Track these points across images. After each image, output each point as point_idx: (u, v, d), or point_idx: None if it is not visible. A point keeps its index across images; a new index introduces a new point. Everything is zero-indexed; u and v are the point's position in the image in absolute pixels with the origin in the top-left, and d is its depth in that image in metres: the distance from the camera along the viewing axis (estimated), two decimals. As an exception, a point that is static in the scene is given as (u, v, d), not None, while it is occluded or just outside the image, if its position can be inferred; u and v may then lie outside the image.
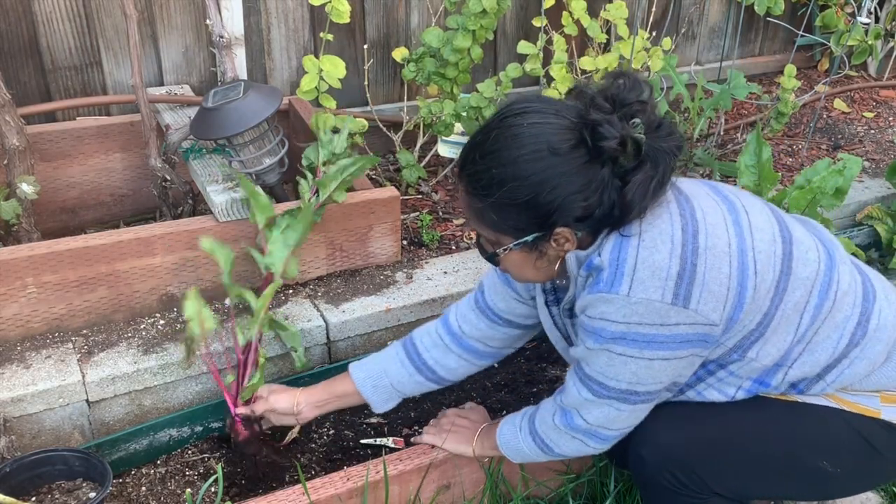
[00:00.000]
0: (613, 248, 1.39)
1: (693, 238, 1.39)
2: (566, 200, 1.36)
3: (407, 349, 1.80)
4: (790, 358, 1.49)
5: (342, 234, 2.23)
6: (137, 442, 1.95)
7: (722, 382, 1.53)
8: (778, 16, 3.45)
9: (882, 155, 3.25)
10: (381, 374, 1.79)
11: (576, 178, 1.35)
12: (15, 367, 1.90)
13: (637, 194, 1.36)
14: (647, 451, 1.57)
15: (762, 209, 1.52)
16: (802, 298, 1.47)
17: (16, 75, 2.41)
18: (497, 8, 2.45)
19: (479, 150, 1.41)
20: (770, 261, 1.44)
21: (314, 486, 1.69)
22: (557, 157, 1.35)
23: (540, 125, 1.38)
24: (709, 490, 1.57)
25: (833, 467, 1.55)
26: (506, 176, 1.37)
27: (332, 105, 2.40)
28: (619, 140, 1.34)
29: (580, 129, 1.36)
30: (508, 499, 1.85)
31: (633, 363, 1.42)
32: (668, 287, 1.36)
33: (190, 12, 2.56)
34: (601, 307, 1.40)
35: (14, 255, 1.90)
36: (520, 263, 1.50)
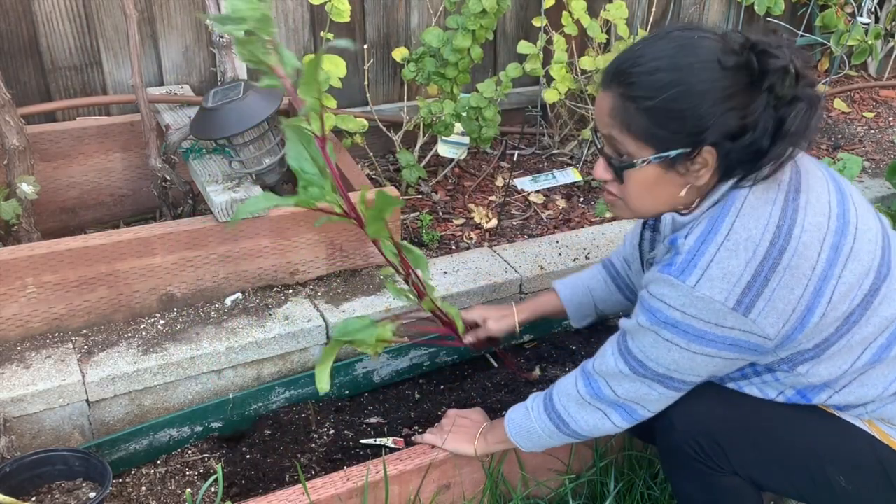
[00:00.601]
0: (699, 237, 1.40)
1: (778, 254, 1.37)
2: (725, 115, 1.36)
3: (609, 269, 1.90)
4: (839, 384, 1.50)
5: (342, 234, 2.23)
6: (137, 442, 1.95)
7: (766, 384, 1.54)
8: (778, 16, 3.45)
9: (882, 155, 3.25)
10: (586, 293, 1.91)
11: (738, 95, 1.36)
12: (15, 367, 1.90)
13: (800, 123, 1.36)
14: (679, 417, 1.58)
15: (874, 238, 1.49)
16: (872, 335, 1.46)
17: (16, 75, 2.41)
18: (497, 8, 2.45)
19: (646, 55, 1.40)
20: (851, 293, 1.42)
21: (314, 486, 1.69)
22: (725, 70, 1.35)
23: (710, 40, 1.39)
24: (729, 466, 1.57)
25: (847, 484, 1.55)
26: (674, 80, 1.36)
27: (332, 105, 2.40)
28: (786, 65, 1.34)
29: (745, 52, 1.37)
30: (508, 499, 1.85)
31: (676, 352, 1.43)
32: (735, 293, 1.36)
33: (190, 12, 2.56)
34: (664, 289, 1.41)
35: (14, 255, 1.90)
36: (649, 182, 1.45)
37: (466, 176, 2.91)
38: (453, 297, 2.23)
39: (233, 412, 2.05)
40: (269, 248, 2.15)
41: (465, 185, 2.84)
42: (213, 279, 2.12)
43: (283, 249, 2.17)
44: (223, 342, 2.00)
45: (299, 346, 2.10)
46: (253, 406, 2.07)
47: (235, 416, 2.06)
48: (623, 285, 1.90)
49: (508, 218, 2.68)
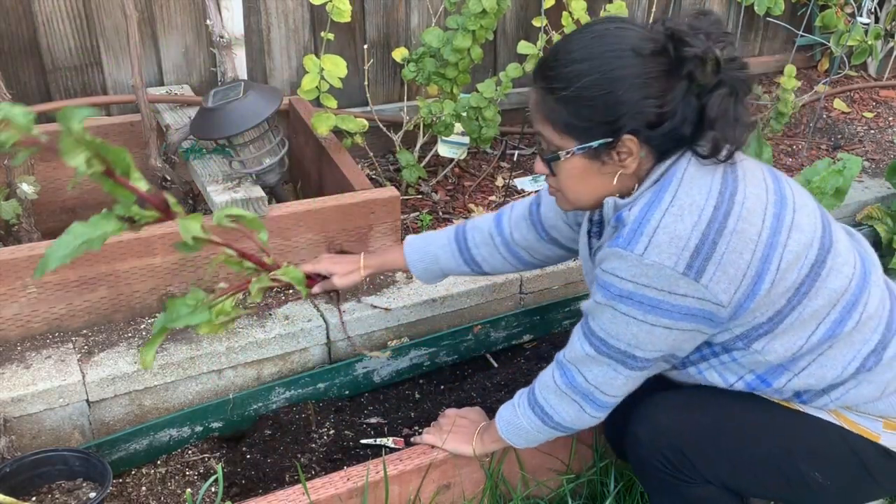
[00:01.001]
0: (643, 207, 1.40)
1: (723, 217, 1.39)
2: (640, 102, 1.37)
3: (459, 242, 1.88)
4: (798, 366, 1.49)
5: (342, 234, 2.23)
6: (137, 442, 1.95)
7: (724, 367, 1.53)
8: (778, 16, 3.45)
9: (882, 155, 3.25)
10: (433, 260, 1.89)
11: (654, 82, 1.37)
12: (15, 367, 1.90)
13: (719, 109, 1.37)
14: (643, 431, 1.59)
15: (813, 213, 1.51)
16: (823, 309, 1.46)
17: (16, 75, 2.41)
18: (497, 8, 2.45)
19: (563, 48, 1.44)
20: (798, 262, 1.43)
21: (314, 486, 1.69)
22: (640, 58, 1.37)
23: (625, 30, 1.41)
24: (700, 476, 1.57)
25: (824, 479, 1.55)
26: (586, 69, 1.38)
27: (333, 105, 2.40)
28: (703, 52, 1.36)
29: (664, 40, 1.39)
30: (508, 499, 1.85)
31: (635, 325, 1.43)
32: (683, 257, 1.36)
33: (190, 12, 2.56)
34: (614, 262, 1.41)
35: (14, 255, 1.90)
36: (577, 173, 1.48)
37: (466, 176, 2.91)
38: (453, 297, 2.24)
39: (233, 412, 2.05)
40: (269, 247, 2.15)
41: (465, 185, 2.84)
42: (214, 279, 2.12)
43: (283, 249, 2.17)
44: (223, 342, 2.00)
45: (299, 346, 2.10)
46: (253, 406, 2.07)
47: (235, 416, 2.06)
48: (469, 258, 1.87)
49: (508, 218, 2.67)
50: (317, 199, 2.21)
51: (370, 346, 2.19)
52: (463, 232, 1.88)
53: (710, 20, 1.42)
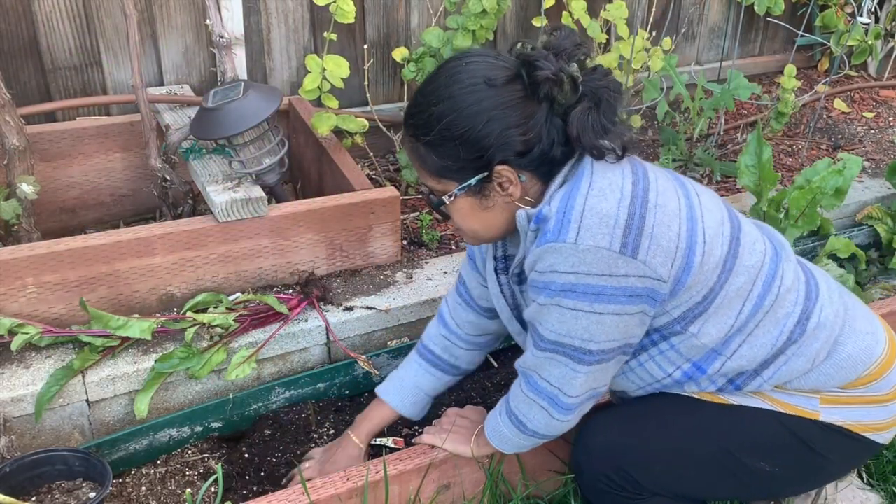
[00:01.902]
0: (562, 199, 1.40)
1: (644, 193, 1.40)
2: (503, 133, 1.38)
3: (427, 358, 1.87)
4: (730, 348, 1.51)
5: (342, 234, 2.23)
6: (137, 442, 1.95)
7: (663, 356, 1.53)
8: (778, 16, 3.45)
9: (882, 155, 3.25)
10: (415, 391, 1.85)
11: (512, 111, 1.38)
12: (15, 367, 1.90)
13: (581, 126, 1.38)
14: (582, 456, 1.61)
15: (713, 196, 1.55)
16: (746, 286, 1.49)
17: (16, 75, 2.41)
18: (497, 8, 2.45)
19: (421, 93, 1.46)
20: (718, 238, 1.46)
21: (314, 486, 1.69)
22: (493, 88, 1.38)
23: (477, 63, 1.42)
24: (647, 490, 1.58)
25: (772, 468, 1.56)
26: (443, 110, 1.39)
27: (334, 105, 2.40)
28: (554, 73, 1.36)
29: (517, 66, 1.40)
30: (508, 499, 1.85)
31: (584, 318, 1.40)
32: (616, 235, 1.35)
33: (190, 12, 2.56)
34: (550, 258, 1.39)
35: (14, 255, 1.90)
36: (467, 212, 1.50)
37: (466, 176, 2.91)
38: (453, 297, 2.24)
39: (233, 412, 2.05)
40: (269, 248, 2.15)
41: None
42: (213, 279, 2.12)
43: (283, 249, 2.17)
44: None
45: (299, 346, 2.10)
46: (253, 406, 2.07)
47: (235, 416, 2.06)
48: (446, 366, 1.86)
49: (508, 218, 2.67)
50: (317, 199, 2.21)
51: (370, 347, 2.19)
52: (425, 348, 1.87)
53: (563, 35, 1.43)
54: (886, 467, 2.02)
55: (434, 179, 1.48)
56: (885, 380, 1.58)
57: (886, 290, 2.60)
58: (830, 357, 1.55)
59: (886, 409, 1.60)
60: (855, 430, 1.58)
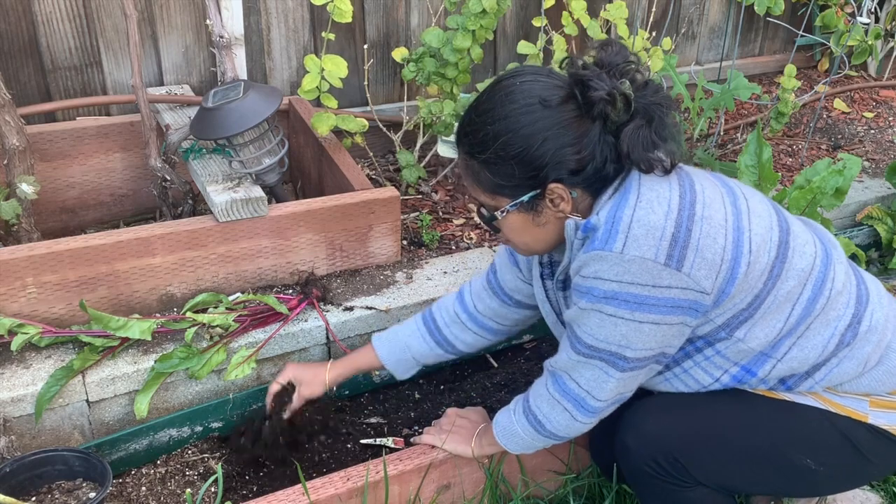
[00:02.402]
0: (611, 209, 1.42)
1: (690, 206, 1.41)
2: (558, 153, 1.41)
3: (428, 325, 1.88)
4: (780, 351, 1.51)
5: (342, 234, 2.23)
6: (137, 442, 1.95)
7: (709, 362, 1.53)
8: (778, 16, 3.45)
9: (882, 155, 3.25)
10: (404, 349, 1.87)
11: (567, 130, 1.40)
12: (15, 367, 1.90)
13: (631, 142, 1.40)
14: (632, 439, 1.59)
15: (762, 200, 1.55)
16: (796, 289, 1.49)
17: (16, 75, 2.41)
18: (497, 8, 2.45)
19: (476, 111, 1.48)
20: (766, 245, 1.46)
21: (314, 486, 1.69)
22: (548, 109, 1.40)
23: (531, 83, 1.44)
24: (693, 479, 1.58)
25: (817, 465, 1.56)
26: (499, 130, 1.42)
27: (333, 105, 2.40)
28: (608, 93, 1.38)
29: (570, 86, 1.42)
30: (508, 499, 1.85)
31: (623, 325, 1.42)
32: (663, 247, 1.37)
33: (190, 12, 2.56)
34: (595, 265, 1.41)
35: (14, 255, 1.90)
36: (518, 227, 1.52)
37: (466, 176, 2.91)
38: (453, 297, 2.24)
39: (233, 412, 2.05)
40: (269, 248, 2.15)
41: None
42: (213, 279, 2.12)
43: (283, 249, 2.17)
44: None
45: (299, 346, 2.10)
46: (253, 406, 2.07)
47: (235, 416, 2.06)
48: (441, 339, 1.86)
49: (508, 218, 2.67)
50: (317, 199, 2.21)
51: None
52: (430, 315, 1.89)
53: (614, 50, 1.45)
54: (886, 467, 2.02)
55: (487, 195, 1.51)
56: None
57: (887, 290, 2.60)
58: (882, 363, 1.55)
59: None
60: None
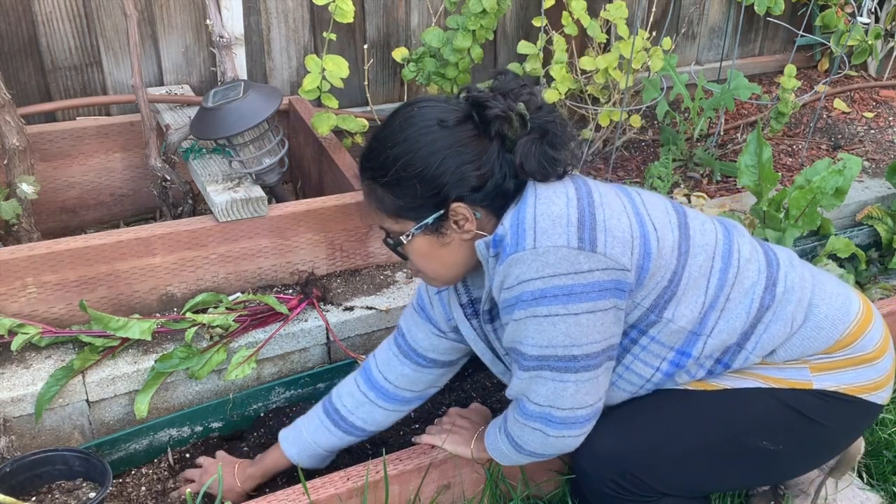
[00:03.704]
0: (513, 216, 1.45)
1: (588, 195, 1.46)
2: (458, 170, 1.44)
3: (331, 416, 1.81)
4: (707, 326, 1.52)
5: (342, 234, 2.23)
6: (137, 442, 1.95)
7: (646, 352, 1.53)
8: (778, 16, 3.45)
9: (882, 155, 3.25)
10: (312, 446, 1.82)
11: (465, 148, 1.45)
12: (15, 367, 1.90)
13: (525, 153, 1.43)
14: (587, 463, 1.60)
15: (653, 194, 1.60)
16: (706, 263, 1.53)
17: (16, 75, 2.41)
18: (497, 8, 2.45)
19: (376, 138, 1.52)
20: (668, 226, 1.51)
21: (314, 485, 1.69)
22: (446, 129, 1.45)
23: (430, 107, 1.49)
24: (655, 491, 1.58)
25: (775, 446, 1.57)
26: (399, 153, 1.46)
27: (334, 105, 2.40)
28: (503, 111, 1.43)
29: (467, 108, 1.47)
30: (508, 499, 1.85)
31: (561, 322, 1.41)
32: (572, 233, 1.39)
33: (190, 12, 2.56)
34: (515, 270, 1.41)
35: (14, 255, 1.90)
36: (426, 252, 1.54)
37: (466, 176, 2.91)
38: (453, 297, 2.23)
39: (233, 412, 2.05)
40: (269, 248, 2.15)
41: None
42: (213, 279, 2.12)
43: (283, 249, 2.17)
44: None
45: (299, 346, 2.10)
46: (253, 406, 2.07)
47: (235, 416, 2.06)
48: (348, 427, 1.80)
49: (508, 218, 2.67)
50: (317, 199, 2.21)
51: (370, 347, 2.19)
52: (331, 405, 1.82)
53: (508, 77, 1.50)
54: (886, 467, 2.02)
55: (391, 220, 1.53)
56: (866, 338, 1.60)
57: (886, 290, 2.60)
58: (808, 320, 1.57)
59: (876, 368, 1.61)
60: (850, 394, 1.58)
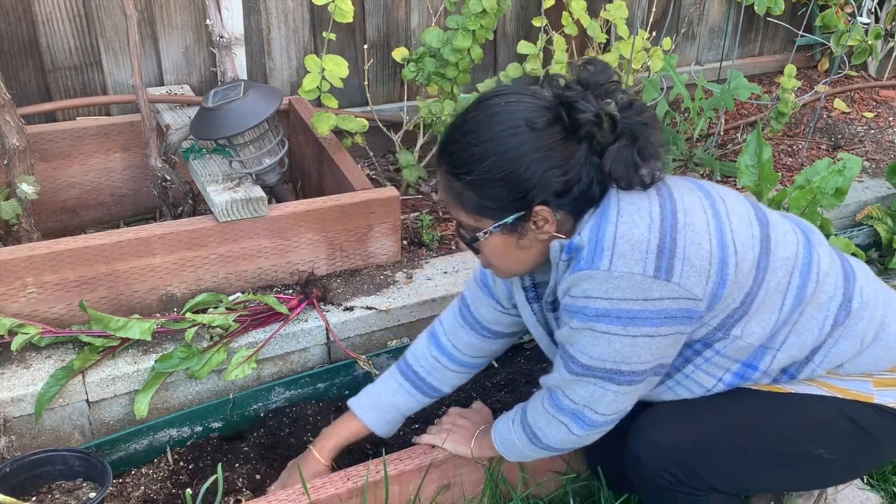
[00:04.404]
0: (592, 228, 1.41)
1: (672, 215, 1.41)
2: (544, 175, 1.39)
3: (410, 378, 1.83)
4: (777, 341, 1.51)
5: (342, 234, 2.23)
6: (137, 442, 1.95)
7: (709, 363, 1.53)
8: (778, 16, 3.45)
9: (882, 155, 3.25)
10: (391, 409, 1.81)
11: (553, 153, 1.39)
12: (15, 367, 1.90)
13: (615, 163, 1.39)
14: (643, 451, 1.58)
15: (737, 197, 1.55)
16: (784, 279, 1.49)
17: (16, 75, 2.41)
18: (497, 8, 2.45)
19: (459, 130, 1.45)
20: (749, 242, 1.46)
21: (314, 486, 1.69)
22: (535, 131, 1.39)
23: (517, 103, 1.42)
24: (707, 486, 1.57)
25: (829, 454, 1.56)
26: (484, 152, 1.40)
27: (334, 105, 2.40)
28: (595, 114, 1.38)
29: (556, 108, 1.41)
30: (508, 499, 1.85)
31: (617, 341, 1.41)
32: (650, 260, 1.36)
33: (190, 12, 2.56)
34: (584, 285, 1.40)
35: (14, 255, 1.90)
36: (500, 249, 1.51)
37: (466, 176, 2.91)
38: (453, 297, 2.23)
39: (233, 412, 2.05)
40: (269, 248, 2.15)
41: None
42: (213, 279, 2.12)
43: (283, 249, 2.17)
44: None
45: (299, 346, 2.10)
46: (253, 406, 2.07)
47: (235, 416, 2.06)
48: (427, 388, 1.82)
49: (508, 218, 2.67)
50: (317, 199, 2.21)
51: (370, 347, 2.19)
52: (408, 367, 1.83)
53: (597, 69, 1.44)
54: (886, 467, 2.02)
55: (469, 216, 1.49)
56: None
57: (886, 290, 2.60)
58: (878, 338, 1.56)
59: None
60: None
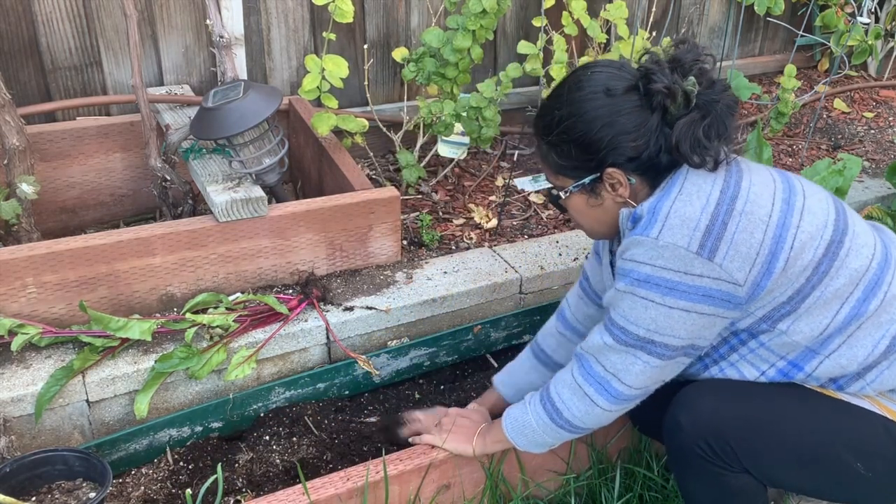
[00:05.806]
0: (654, 200, 1.50)
1: (731, 200, 1.46)
2: (616, 139, 1.49)
3: (540, 357, 1.94)
4: (828, 348, 1.52)
5: (342, 234, 2.23)
6: (137, 442, 1.95)
7: (754, 354, 1.56)
8: (778, 16, 3.45)
9: (882, 155, 3.25)
10: (527, 387, 1.87)
11: (627, 118, 1.49)
12: (15, 367, 1.90)
13: (681, 135, 1.46)
14: (686, 417, 1.59)
15: (824, 199, 1.57)
16: (845, 288, 1.50)
17: (16, 75, 2.41)
18: (497, 8, 2.45)
19: (550, 96, 1.60)
20: (813, 242, 1.49)
21: (314, 486, 1.69)
22: (611, 97, 1.50)
23: (600, 73, 1.54)
24: (739, 465, 1.57)
25: (866, 471, 1.55)
26: (564, 115, 1.53)
27: (334, 105, 2.40)
28: (666, 86, 1.47)
29: (637, 78, 1.51)
30: (508, 499, 1.85)
31: (653, 308, 1.47)
32: (696, 237, 1.43)
33: (190, 12, 2.56)
34: (633, 249, 1.49)
35: (14, 255, 1.90)
36: (581, 209, 1.62)
37: (466, 176, 2.91)
38: (453, 297, 2.24)
39: (233, 412, 2.05)
40: (269, 248, 2.15)
41: (465, 185, 2.85)
42: (213, 279, 2.12)
43: (283, 249, 2.17)
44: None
45: (299, 346, 2.10)
46: (253, 406, 2.07)
47: (235, 416, 2.06)
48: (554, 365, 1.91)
49: (508, 218, 2.68)
50: (317, 199, 2.21)
51: (370, 347, 2.19)
52: (539, 347, 1.95)
53: (687, 48, 1.53)
54: None
55: (553, 176, 1.62)
56: None
57: (886, 290, 2.60)
58: None
59: None
60: None
